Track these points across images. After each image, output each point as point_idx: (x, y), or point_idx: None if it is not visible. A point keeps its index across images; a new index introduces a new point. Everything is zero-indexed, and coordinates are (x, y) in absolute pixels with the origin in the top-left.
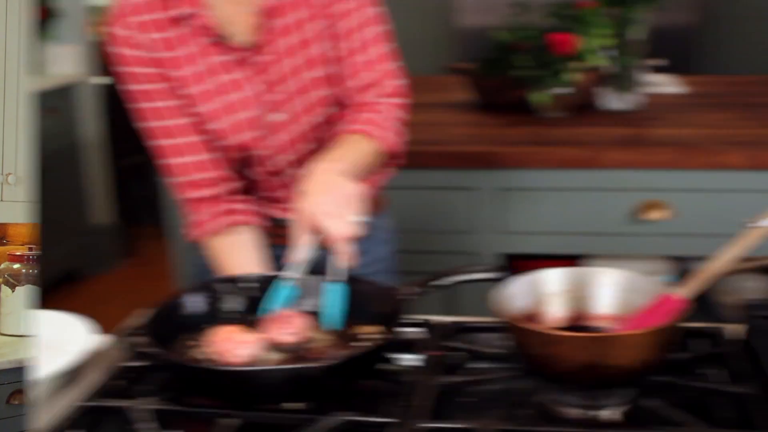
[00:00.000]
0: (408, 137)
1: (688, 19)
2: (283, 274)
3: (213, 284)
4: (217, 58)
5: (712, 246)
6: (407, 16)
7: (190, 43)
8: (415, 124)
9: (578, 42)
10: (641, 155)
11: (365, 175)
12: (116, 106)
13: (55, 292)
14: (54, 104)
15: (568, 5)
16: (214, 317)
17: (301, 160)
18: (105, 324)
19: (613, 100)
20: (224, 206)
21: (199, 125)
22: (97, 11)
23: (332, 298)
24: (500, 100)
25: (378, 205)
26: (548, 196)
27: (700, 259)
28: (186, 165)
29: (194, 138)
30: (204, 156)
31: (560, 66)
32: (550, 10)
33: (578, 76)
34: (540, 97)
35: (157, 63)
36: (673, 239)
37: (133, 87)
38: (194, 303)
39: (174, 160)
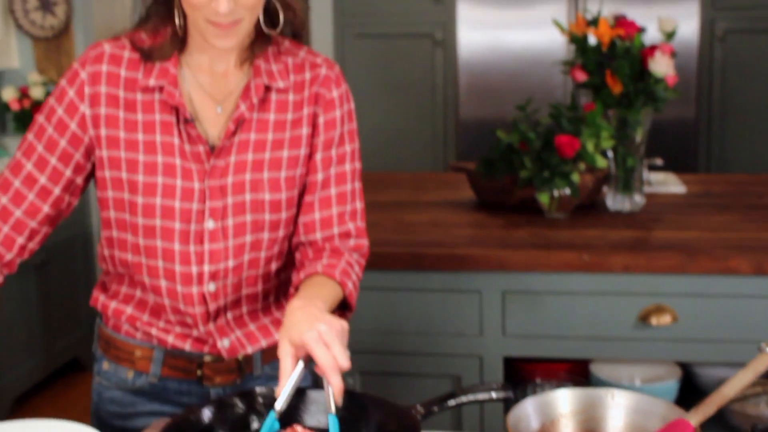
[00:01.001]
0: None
1: (684, 116)
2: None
3: (228, 398)
4: (176, 140)
5: (717, 351)
6: (411, 110)
7: (155, 113)
8: (419, 224)
9: (579, 143)
10: (645, 260)
11: None
12: None
13: (60, 381)
14: None
15: (569, 107)
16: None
17: (217, 277)
18: None
19: (615, 201)
20: None
21: (43, 194)
22: None
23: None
24: (501, 200)
25: None
26: (551, 299)
27: (706, 364)
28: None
29: (27, 194)
30: (16, 213)
31: (563, 167)
32: (550, 112)
33: (580, 177)
34: (542, 197)
35: (79, 117)
36: (679, 344)
37: (40, 116)
38: (208, 417)
39: None
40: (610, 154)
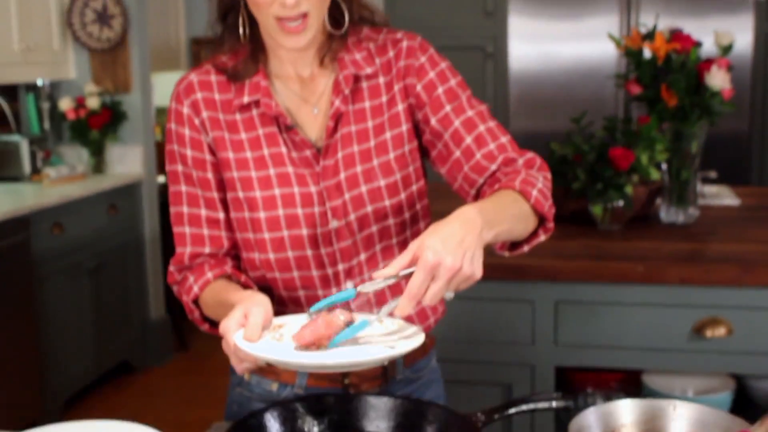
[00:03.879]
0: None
1: (738, 128)
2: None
3: (291, 402)
4: (284, 149)
5: None
6: None
7: (258, 128)
8: None
9: (634, 156)
10: (700, 272)
11: (511, 236)
12: None
13: (110, 383)
14: (115, 202)
15: (623, 120)
16: None
17: (352, 274)
18: (157, 417)
19: (669, 213)
20: (211, 269)
21: (222, 222)
22: (163, 112)
23: (355, 327)
24: (556, 212)
25: (426, 348)
26: (604, 310)
27: (760, 377)
28: (189, 235)
29: (220, 233)
30: (224, 253)
31: (617, 179)
32: (604, 125)
33: (633, 190)
34: (595, 209)
35: (206, 146)
36: (734, 357)
37: (172, 167)
38: (271, 422)
39: (181, 249)
40: (664, 166)
